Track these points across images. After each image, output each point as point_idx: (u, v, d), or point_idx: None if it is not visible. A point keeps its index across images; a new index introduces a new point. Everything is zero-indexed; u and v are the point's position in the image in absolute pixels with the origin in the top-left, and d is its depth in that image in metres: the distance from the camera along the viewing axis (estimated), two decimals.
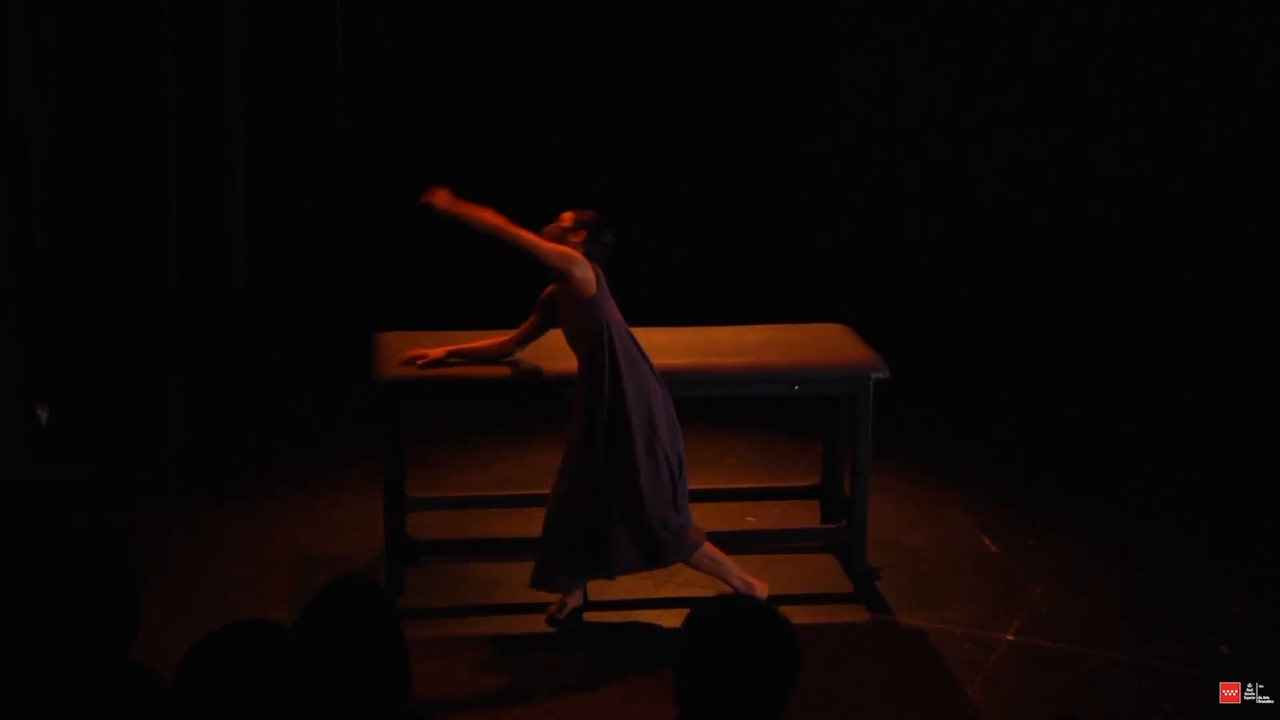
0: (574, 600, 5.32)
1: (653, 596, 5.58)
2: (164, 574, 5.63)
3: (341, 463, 6.77)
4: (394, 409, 5.35)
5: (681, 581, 5.65)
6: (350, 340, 6.38)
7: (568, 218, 5.11)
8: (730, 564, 5.27)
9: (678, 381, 5.37)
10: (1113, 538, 6.20)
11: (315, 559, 5.79)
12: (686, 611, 4.66)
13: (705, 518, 5.95)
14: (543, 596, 5.39)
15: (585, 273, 4.96)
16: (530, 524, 5.88)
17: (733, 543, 5.81)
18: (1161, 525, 6.32)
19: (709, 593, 5.43)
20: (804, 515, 6.12)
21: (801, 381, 5.48)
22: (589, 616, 5.43)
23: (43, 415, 6.28)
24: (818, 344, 5.63)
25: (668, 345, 5.50)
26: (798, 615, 5.30)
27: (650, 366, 5.10)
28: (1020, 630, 5.39)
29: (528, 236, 4.95)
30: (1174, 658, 5.21)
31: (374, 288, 8.21)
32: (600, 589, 5.58)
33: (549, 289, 5.23)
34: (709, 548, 5.22)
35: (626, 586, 5.59)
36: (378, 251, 8.39)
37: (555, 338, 5.31)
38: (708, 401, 6.69)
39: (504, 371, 5.40)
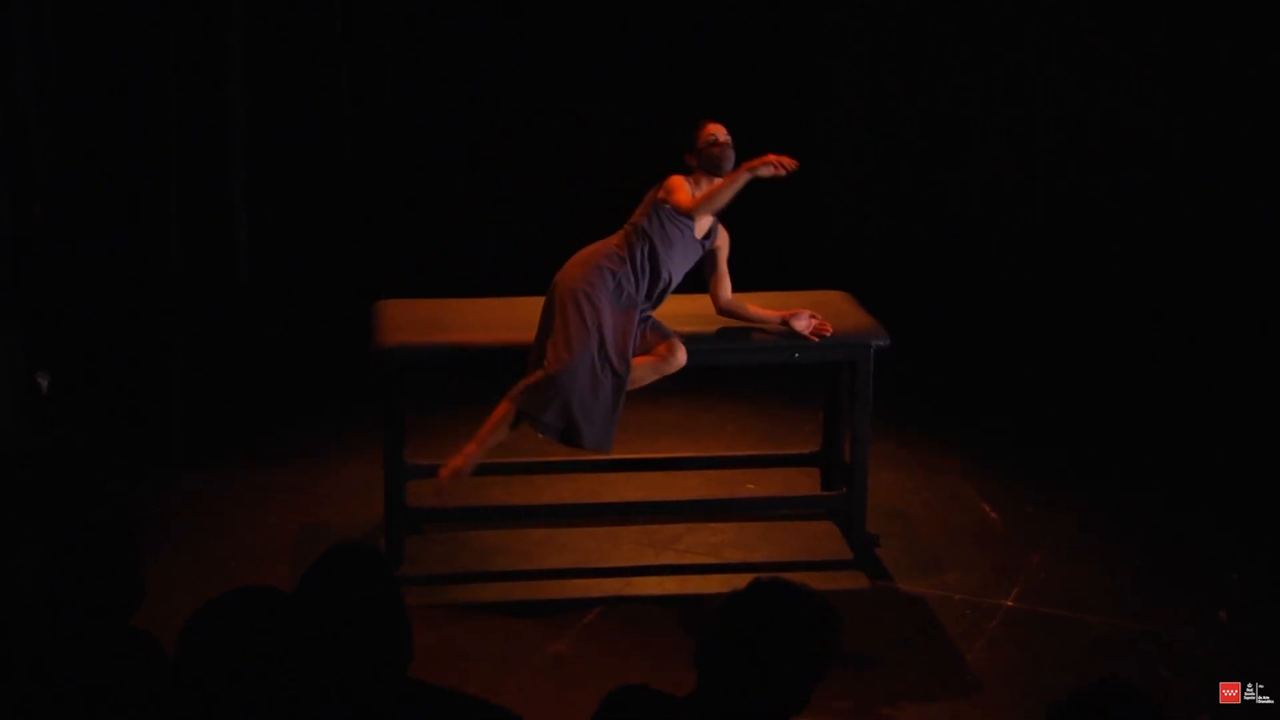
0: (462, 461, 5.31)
1: (652, 564, 5.65)
2: (165, 542, 5.67)
3: (342, 431, 6.80)
4: (393, 377, 5.39)
5: (682, 549, 5.73)
6: (351, 307, 6.43)
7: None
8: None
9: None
10: (1112, 505, 6.24)
11: (315, 527, 5.83)
12: (686, 578, 4.80)
13: (706, 484, 6.16)
14: (547, 560, 5.54)
15: None
16: (530, 492, 6.07)
17: (733, 509, 5.96)
18: (1161, 494, 6.36)
19: (709, 560, 5.62)
20: (804, 482, 6.15)
21: (802, 349, 5.50)
22: (591, 584, 5.48)
23: (44, 383, 6.31)
24: (818, 311, 5.64)
25: (669, 313, 5.53)
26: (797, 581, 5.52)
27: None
28: (1020, 597, 5.44)
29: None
30: (1172, 623, 5.27)
31: (374, 255, 8.25)
32: (599, 556, 5.65)
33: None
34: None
35: (626, 554, 5.68)
36: (378, 221, 8.42)
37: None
38: (708, 369, 6.70)
39: (505, 338, 5.45)
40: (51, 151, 6.48)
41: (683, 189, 5.29)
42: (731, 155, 5.34)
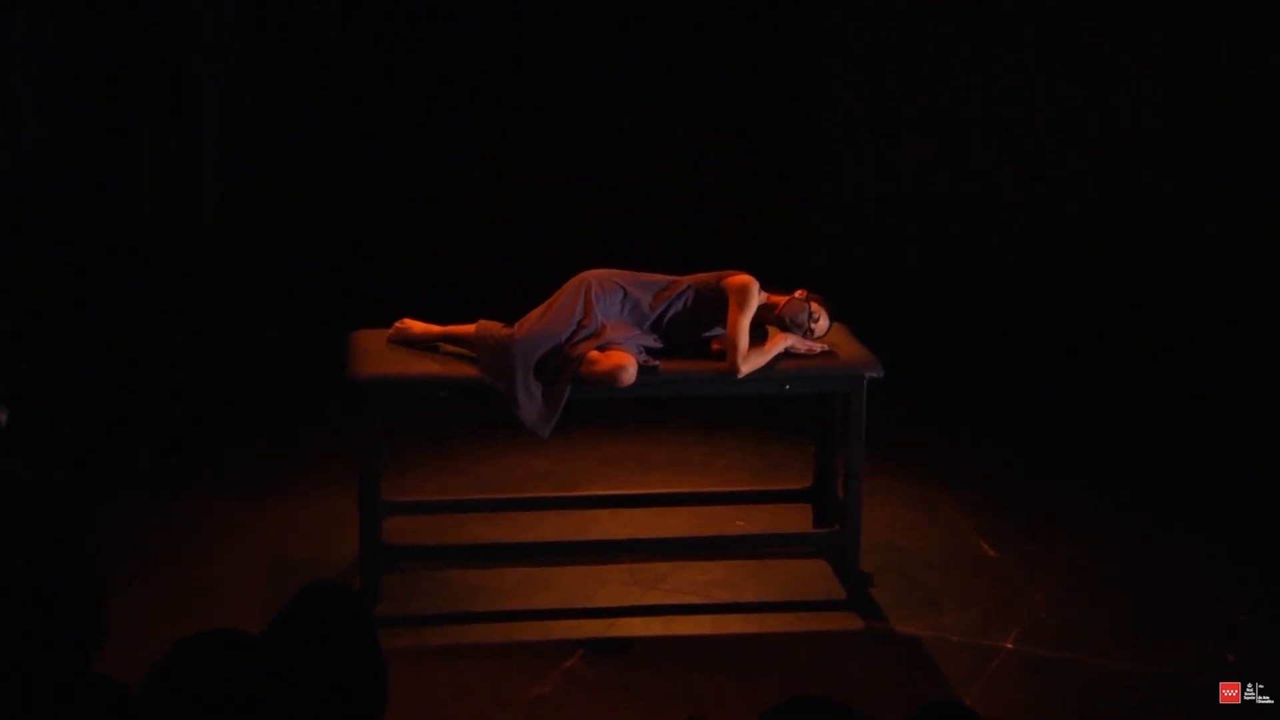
0: None
1: (638, 603, 5.62)
2: (130, 579, 5.62)
3: (317, 463, 6.77)
4: (370, 408, 5.36)
5: (669, 588, 5.70)
6: (330, 335, 6.38)
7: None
8: None
9: (664, 381, 5.41)
10: (1115, 540, 6.21)
11: (288, 564, 5.79)
12: (672, 619, 4.70)
13: (694, 521, 6.11)
14: (530, 600, 5.50)
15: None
16: (512, 529, 6.03)
17: (722, 547, 5.92)
18: (1166, 527, 6.33)
19: (697, 600, 5.59)
20: (796, 519, 6.13)
21: (793, 380, 5.49)
22: (575, 624, 5.46)
23: (3, 416, 6.28)
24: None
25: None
26: (788, 623, 5.50)
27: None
28: (1020, 637, 5.41)
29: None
30: (1179, 666, 5.23)
31: (352, 281, 8.28)
32: (584, 596, 5.62)
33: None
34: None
35: (612, 593, 5.65)
36: (359, 246, 8.47)
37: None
38: (696, 401, 6.91)
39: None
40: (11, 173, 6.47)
41: (743, 327, 5.43)
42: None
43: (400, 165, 8.56)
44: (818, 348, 5.54)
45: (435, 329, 5.62)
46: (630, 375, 5.32)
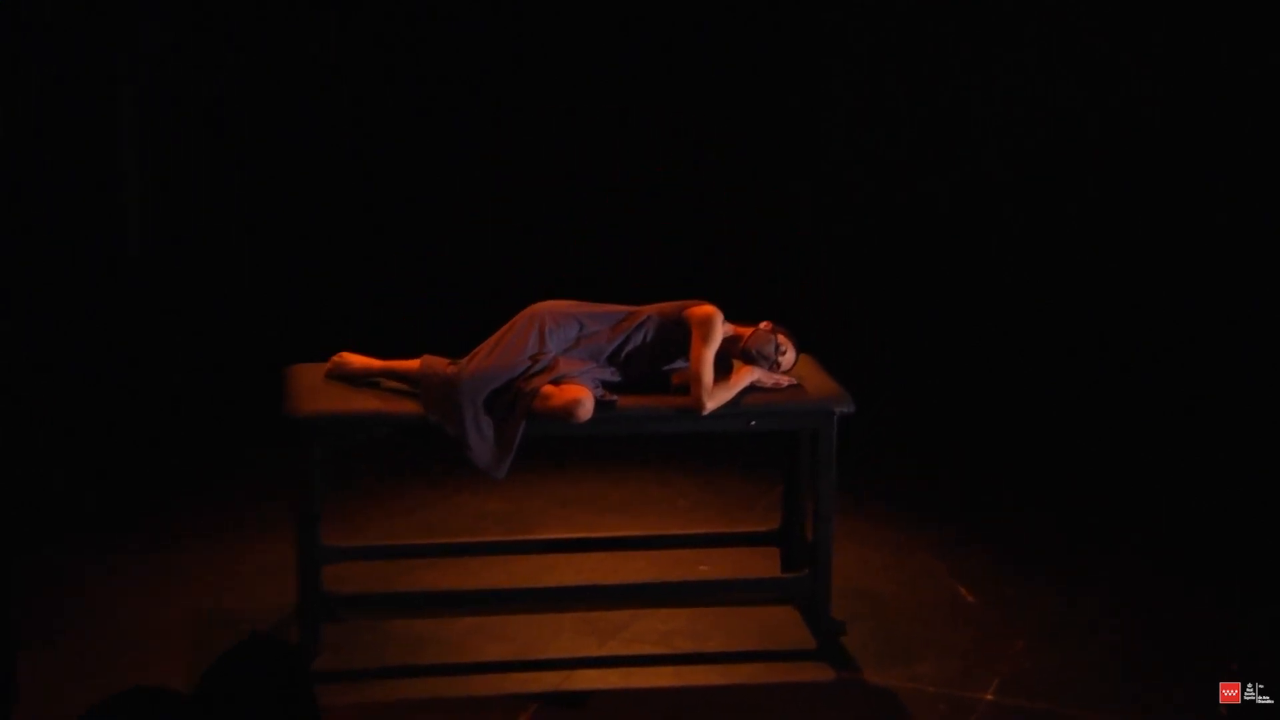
0: None
1: (595, 654, 5.51)
2: (50, 632, 5.49)
3: (252, 506, 6.69)
4: (308, 447, 5.24)
5: (628, 637, 5.60)
6: (266, 369, 6.35)
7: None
8: None
9: (622, 417, 5.31)
10: (1100, 584, 6.13)
11: (220, 614, 5.68)
12: (632, 670, 4.56)
13: (656, 565, 6.08)
14: (480, 652, 5.43)
15: None
16: (462, 575, 5.95)
17: (684, 594, 5.85)
18: (1154, 569, 6.26)
19: (658, 650, 5.50)
20: (762, 563, 6.04)
21: (759, 416, 5.40)
22: (529, 677, 5.33)
23: None
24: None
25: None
26: (755, 674, 5.39)
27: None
28: (1000, 689, 5.31)
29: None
30: (1169, 717, 5.13)
31: (291, 312, 8.32)
32: (538, 647, 5.51)
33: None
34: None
35: (567, 644, 5.55)
36: (295, 279, 8.52)
37: None
38: (656, 438, 6.87)
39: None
40: None
41: (707, 359, 5.31)
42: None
43: (337, 193, 8.67)
44: (785, 381, 5.47)
45: (375, 363, 5.49)
46: (587, 410, 5.20)
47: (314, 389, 5.41)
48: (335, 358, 5.53)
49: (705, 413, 5.27)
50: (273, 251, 8.46)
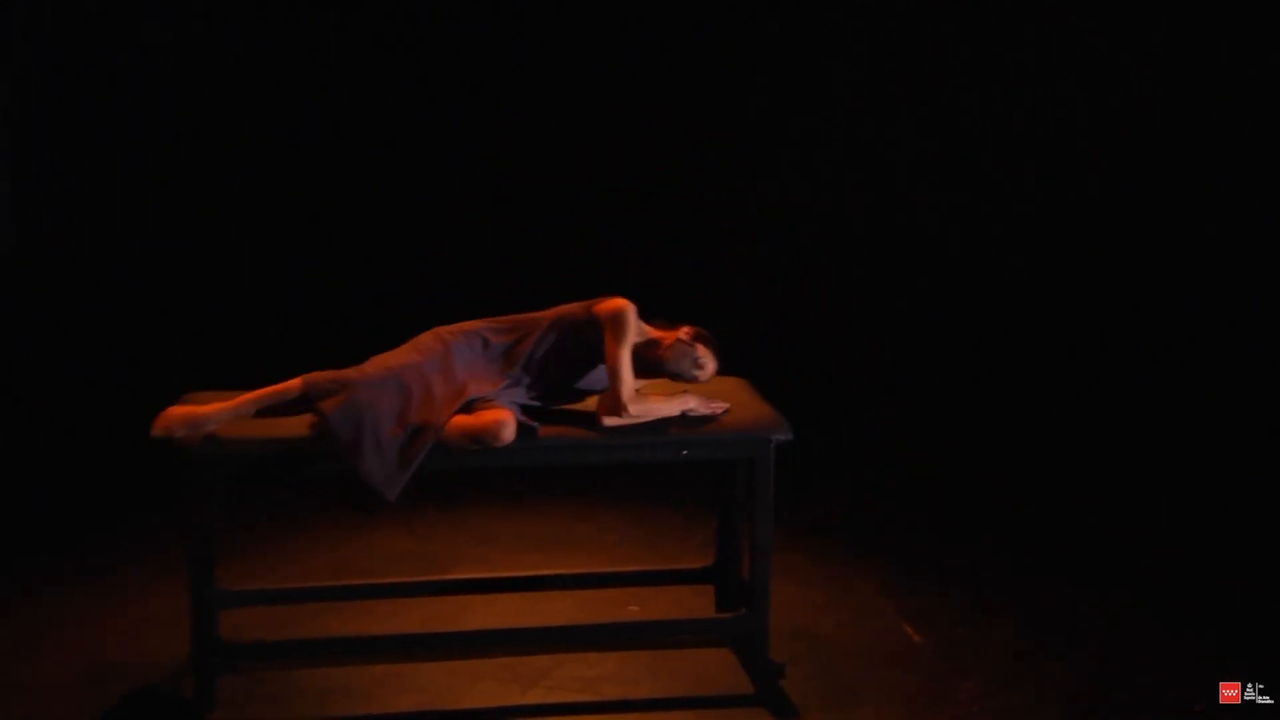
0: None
1: (517, 703, 5.34)
2: None
3: (140, 545, 6.55)
4: (202, 482, 5.04)
5: (552, 684, 5.45)
6: (159, 391, 6.17)
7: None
8: None
9: (543, 447, 5.14)
10: (1056, 621, 5.98)
11: (111, 666, 5.49)
12: None
13: (582, 606, 6.01)
14: (392, 702, 5.26)
15: None
16: (371, 620, 5.89)
17: (614, 637, 5.73)
18: (1112, 604, 6.12)
19: (584, 698, 5.37)
20: (696, 602, 5.95)
21: (690, 445, 5.27)
22: None
23: None
24: (710, 400, 5.40)
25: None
26: None
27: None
28: None
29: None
30: None
31: (184, 336, 8.41)
32: (454, 696, 5.35)
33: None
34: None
35: (486, 692, 5.41)
36: (192, 302, 8.63)
37: None
38: (580, 469, 6.78)
39: None
40: None
41: (624, 358, 5.14)
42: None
43: (225, 207, 8.84)
44: (721, 408, 5.30)
45: (232, 401, 5.09)
46: (510, 432, 5.01)
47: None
48: (170, 410, 5.05)
49: (627, 414, 5.11)
50: (176, 256, 8.61)
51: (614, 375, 5.09)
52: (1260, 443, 7.50)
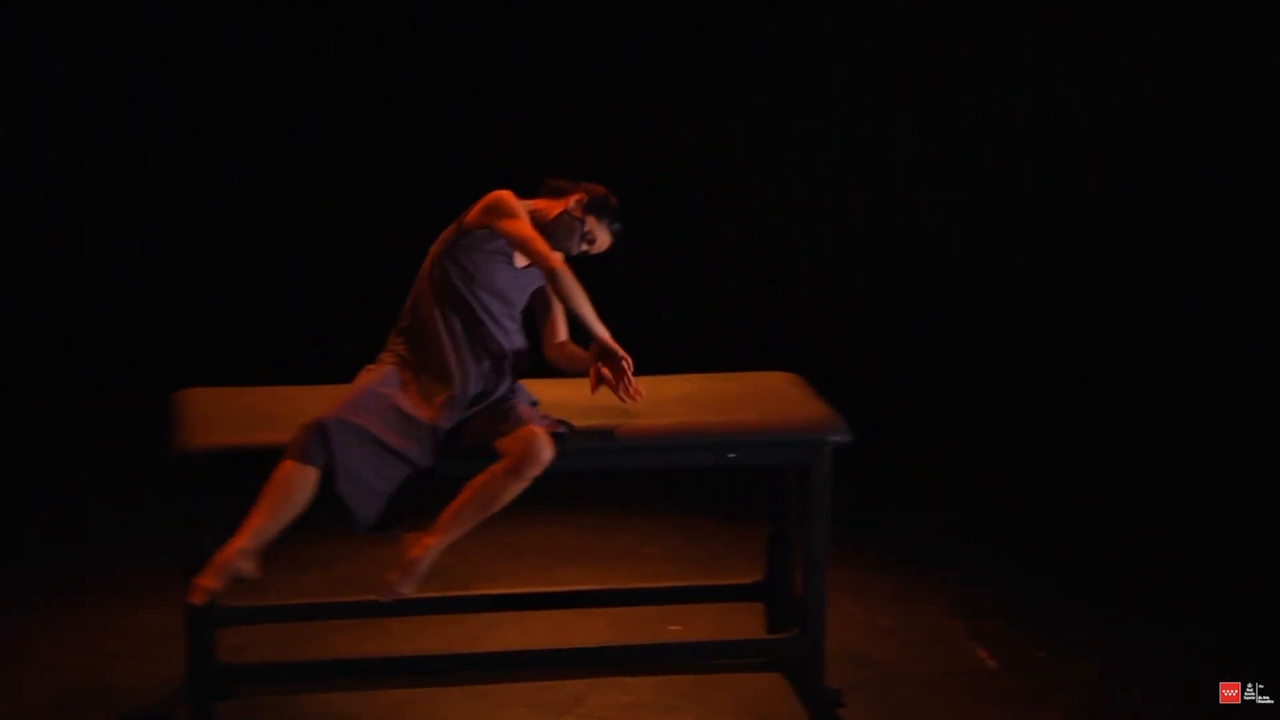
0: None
1: None
2: None
3: (133, 559, 6.46)
4: (199, 488, 4.94)
5: (584, 712, 5.28)
6: (149, 399, 6.19)
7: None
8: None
9: (582, 450, 4.99)
10: (1150, 646, 5.77)
11: (93, 691, 5.35)
12: None
13: (618, 626, 5.87)
14: None
15: None
16: (387, 641, 5.73)
17: (653, 659, 5.67)
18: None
19: None
20: (744, 622, 5.79)
21: (738, 448, 5.14)
22: None
23: None
24: (758, 399, 5.34)
25: (567, 401, 5.15)
26: None
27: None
28: None
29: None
30: None
31: (177, 339, 8.38)
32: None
33: None
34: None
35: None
36: (183, 301, 8.64)
37: None
38: (619, 475, 6.57)
39: None
40: None
41: (523, 228, 4.93)
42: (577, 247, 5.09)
43: (211, 208, 8.80)
44: (638, 393, 5.01)
45: (245, 530, 4.83)
46: (548, 449, 4.81)
47: (208, 418, 5.13)
48: (200, 578, 4.77)
49: (556, 267, 4.84)
50: (176, 256, 8.54)
51: (523, 244, 4.84)
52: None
